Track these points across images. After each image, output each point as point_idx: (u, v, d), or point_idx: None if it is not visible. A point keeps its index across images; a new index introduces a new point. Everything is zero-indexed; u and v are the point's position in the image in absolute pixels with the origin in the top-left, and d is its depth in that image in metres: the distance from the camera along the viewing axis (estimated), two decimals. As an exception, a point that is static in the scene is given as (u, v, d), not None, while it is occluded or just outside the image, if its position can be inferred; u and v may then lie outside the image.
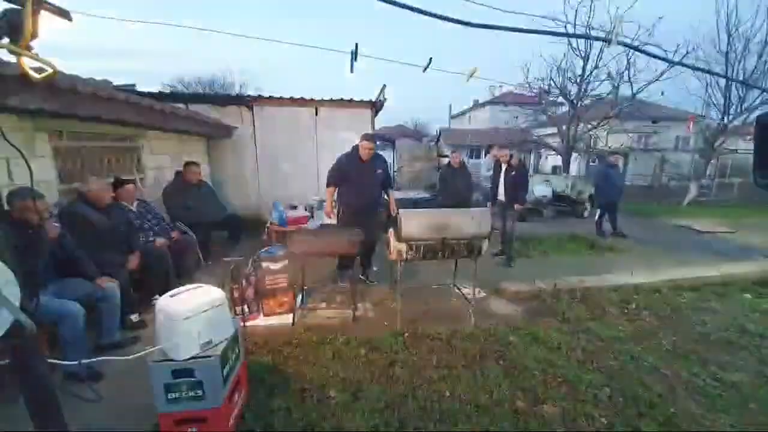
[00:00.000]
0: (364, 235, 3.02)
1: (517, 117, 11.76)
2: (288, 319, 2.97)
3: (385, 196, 3.79)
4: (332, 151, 6.54)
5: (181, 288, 1.79)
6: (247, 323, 2.89)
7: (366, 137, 3.45)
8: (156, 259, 3.09)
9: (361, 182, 3.47)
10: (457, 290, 3.49)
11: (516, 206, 4.42)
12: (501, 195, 4.61)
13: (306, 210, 4.93)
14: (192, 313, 1.64)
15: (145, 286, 3.02)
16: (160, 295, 1.80)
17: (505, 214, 4.62)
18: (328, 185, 3.59)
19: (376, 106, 6.71)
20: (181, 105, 5.31)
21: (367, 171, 3.48)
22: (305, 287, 3.46)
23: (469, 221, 2.75)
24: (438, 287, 3.73)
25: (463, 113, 32.31)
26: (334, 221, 4.82)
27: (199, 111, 5.26)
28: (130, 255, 2.91)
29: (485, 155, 19.35)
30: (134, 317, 2.81)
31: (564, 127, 10.41)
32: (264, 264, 2.99)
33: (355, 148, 3.52)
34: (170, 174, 4.36)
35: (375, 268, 4.27)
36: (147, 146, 4.17)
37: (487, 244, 2.91)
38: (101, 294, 2.44)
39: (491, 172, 6.24)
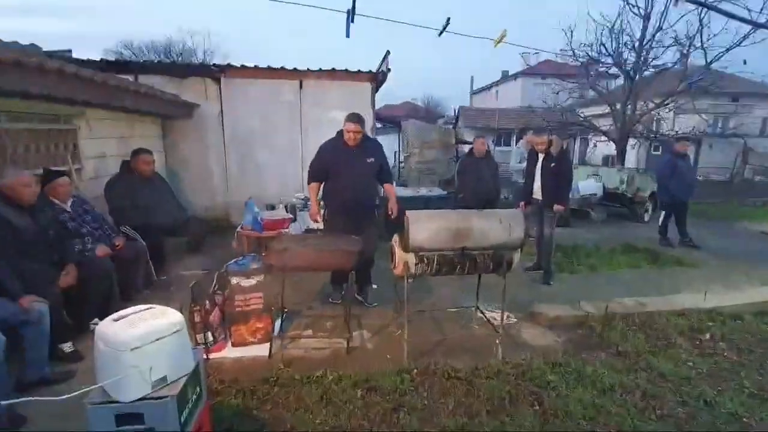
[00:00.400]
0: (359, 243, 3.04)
1: (557, 93, 11.69)
2: (263, 350, 2.98)
3: (383, 192, 3.82)
4: (321, 135, 6.56)
5: (128, 310, 1.80)
6: (212, 355, 2.89)
7: (351, 118, 3.44)
8: (96, 273, 3.11)
9: (349, 175, 3.48)
10: (480, 314, 3.49)
11: (556, 207, 4.43)
12: (537, 192, 4.62)
13: (287, 211, 4.95)
14: (141, 341, 1.65)
15: (81, 308, 3.03)
16: (101, 319, 1.80)
17: (541, 217, 4.63)
18: (309, 182, 3.63)
19: (377, 79, 6.75)
20: (129, 77, 5.36)
21: (355, 160, 3.49)
22: (286, 310, 3.48)
23: (496, 226, 2.75)
24: (456, 311, 3.73)
25: (488, 88, 32.43)
26: (322, 225, 4.87)
27: (153, 84, 5.30)
28: (62, 268, 2.92)
29: (517, 142, 19.41)
30: (67, 347, 2.82)
31: (618, 106, 10.41)
32: (233, 280, 3.00)
33: (340, 133, 3.54)
34: (115, 164, 4.39)
35: (374, 286, 4.28)
36: (86, 129, 4.20)
37: (519, 256, 2.91)
38: (25, 317, 2.45)
39: (524, 164, 6.27)
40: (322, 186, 3.63)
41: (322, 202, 3.69)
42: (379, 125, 14.19)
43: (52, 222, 3.00)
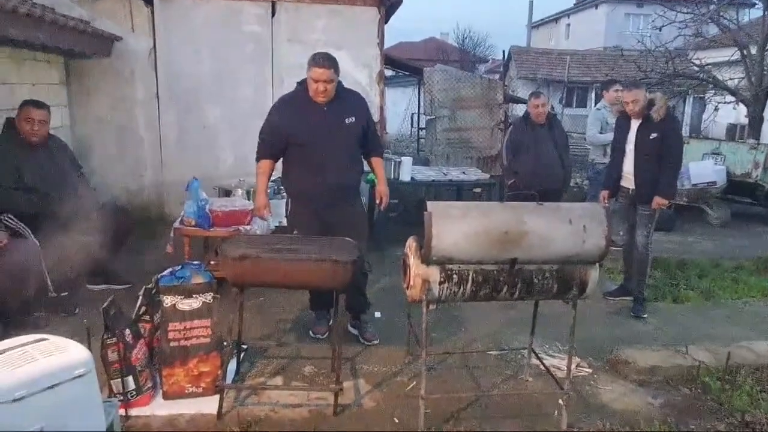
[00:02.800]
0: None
1: (659, 29, 11.56)
2: (210, 405, 2.97)
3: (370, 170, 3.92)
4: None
5: (8, 342, 1.81)
6: (134, 411, 2.89)
7: (317, 60, 3.40)
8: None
9: (318, 145, 3.52)
10: (536, 361, 3.48)
11: (657, 202, 4.40)
12: (628, 178, 4.60)
13: (250, 198, 4.95)
14: (27, 390, 1.65)
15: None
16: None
17: (633, 216, 4.58)
18: (258, 158, 3.68)
19: (387, 2, 6.72)
20: (17, -8, 5.36)
21: (328, 123, 3.52)
22: (244, 346, 3.48)
23: (563, 229, 2.72)
24: (499, 354, 3.73)
25: (555, 20, 32.26)
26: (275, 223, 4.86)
27: (52, 5, 5.31)
28: None
29: (597, 101, 19.22)
30: None
31: (754, 50, 10.25)
32: (167, 300, 3.00)
33: (303, 84, 3.57)
34: (-6, 123, 4.41)
35: (377, 314, 4.27)
36: (-48, 70, 4.22)
37: (598, 275, 2.88)
38: None
39: (607, 133, 6.21)
40: (273, 165, 3.74)
41: (279, 189, 3.74)
42: (389, 73, 14.17)
43: None
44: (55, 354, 1.77)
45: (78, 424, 1.77)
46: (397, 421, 2.98)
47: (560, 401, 2.99)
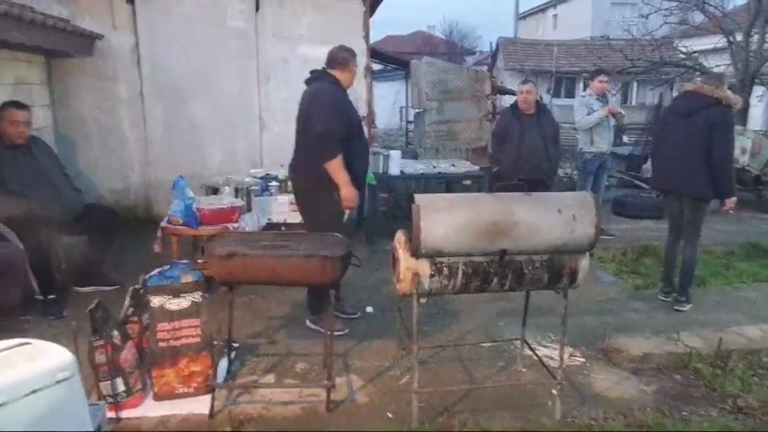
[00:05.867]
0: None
1: (646, 17, 11.59)
2: (202, 404, 2.97)
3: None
4: (288, 82, 6.62)
5: (-9, 346, 1.78)
6: (124, 413, 2.88)
7: (355, 53, 3.86)
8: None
9: (362, 135, 4.03)
10: (528, 352, 3.48)
11: (728, 204, 4.32)
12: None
13: (237, 196, 4.92)
14: (7, 396, 1.62)
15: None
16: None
17: (681, 212, 4.48)
18: (334, 154, 3.62)
19: (372, -5, 6.70)
20: (-5, -8, 5.28)
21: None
22: (235, 344, 3.46)
23: (552, 218, 2.71)
24: (492, 346, 3.73)
25: (542, 10, 32.31)
26: (290, 217, 4.85)
27: (30, 4, 5.23)
28: None
29: (584, 90, 19.34)
30: None
31: (739, 37, 10.30)
32: (155, 300, 2.97)
33: (334, 81, 3.81)
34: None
35: (369, 309, 4.28)
36: (-71, 71, 4.15)
37: (588, 263, 2.88)
38: None
39: (596, 117, 6.19)
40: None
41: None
42: (376, 67, 14.16)
43: None
44: (38, 358, 1.73)
45: (62, 429, 1.74)
46: (390, 415, 2.99)
47: (553, 391, 3.01)
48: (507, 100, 11.25)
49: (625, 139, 12.77)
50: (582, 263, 2.85)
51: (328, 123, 3.60)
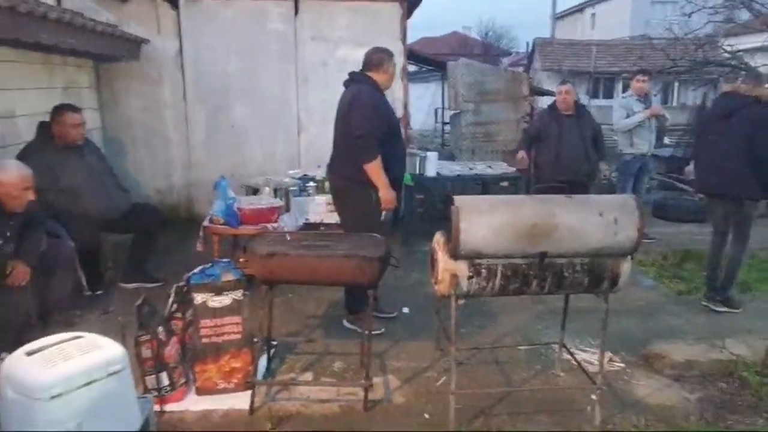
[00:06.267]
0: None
1: (689, 15, 11.28)
2: (242, 400, 3.00)
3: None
4: (326, 84, 6.68)
5: (47, 339, 1.84)
6: (168, 407, 2.93)
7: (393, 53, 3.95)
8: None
9: (399, 135, 4.11)
10: (567, 356, 3.44)
11: None
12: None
13: (277, 196, 4.99)
14: (65, 387, 1.68)
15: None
16: (9, 352, 1.84)
17: (725, 218, 4.35)
18: (375, 156, 3.64)
19: (409, -2, 6.70)
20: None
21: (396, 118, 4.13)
22: (274, 342, 3.50)
23: (594, 221, 2.67)
24: (529, 349, 3.70)
25: (579, 10, 31.77)
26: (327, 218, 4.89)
27: (81, 9, 5.41)
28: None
29: (623, 91, 18.95)
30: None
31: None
32: (198, 297, 3.03)
33: (373, 83, 3.84)
34: (29, 127, 4.50)
35: (405, 310, 4.29)
36: (-13, 76, 4.33)
37: (630, 267, 2.83)
38: None
39: (633, 116, 6.05)
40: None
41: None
42: (412, 68, 14.12)
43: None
44: (91, 351, 1.80)
45: (113, 420, 1.80)
46: (427, 416, 2.98)
47: (593, 396, 2.95)
48: (545, 102, 11.14)
49: (666, 140, 12.45)
50: (624, 267, 2.79)
51: (367, 125, 3.62)
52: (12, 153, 4.22)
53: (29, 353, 1.76)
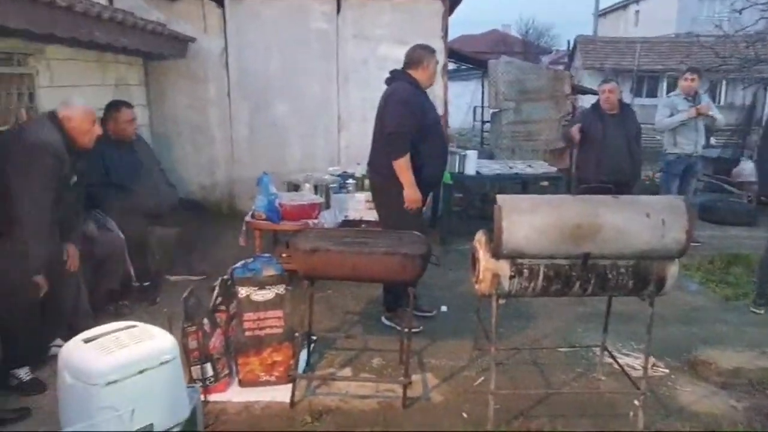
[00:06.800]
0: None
1: (739, 11, 10.88)
2: (283, 393, 3.05)
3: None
4: (366, 83, 6.71)
5: (102, 328, 1.90)
6: (212, 397, 3.00)
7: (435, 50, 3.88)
8: (58, 274, 3.33)
9: (439, 134, 4.05)
10: (609, 359, 3.38)
11: None
12: None
13: (317, 193, 5.02)
14: (120, 374, 1.74)
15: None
16: (65, 339, 1.92)
17: None
18: (401, 154, 3.65)
19: (452, -5, 6.67)
20: (101, -1, 5.64)
21: (436, 111, 4.14)
22: (314, 337, 3.54)
23: (640, 223, 2.61)
24: (570, 351, 3.65)
25: (623, 6, 30.99)
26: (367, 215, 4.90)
27: (131, 8, 5.55)
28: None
29: (667, 90, 18.42)
30: (23, 373, 3.02)
31: None
32: (242, 291, 3.09)
33: (412, 81, 3.80)
34: (82, 123, 4.66)
35: (444, 308, 4.28)
36: (45, 73, 4.49)
37: (677, 270, 2.76)
38: None
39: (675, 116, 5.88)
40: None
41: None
42: (451, 67, 14.00)
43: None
44: (144, 341, 1.85)
45: (164, 408, 1.85)
46: (466, 416, 2.97)
47: (636, 402, 2.90)
48: (587, 101, 10.92)
49: (713, 141, 12.07)
50: (670, 270, 2.73)
51: (398, 122, 3.63)
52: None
53: (86, 341, 1.83)
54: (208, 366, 3.00)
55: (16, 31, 3.53)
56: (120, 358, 1.74)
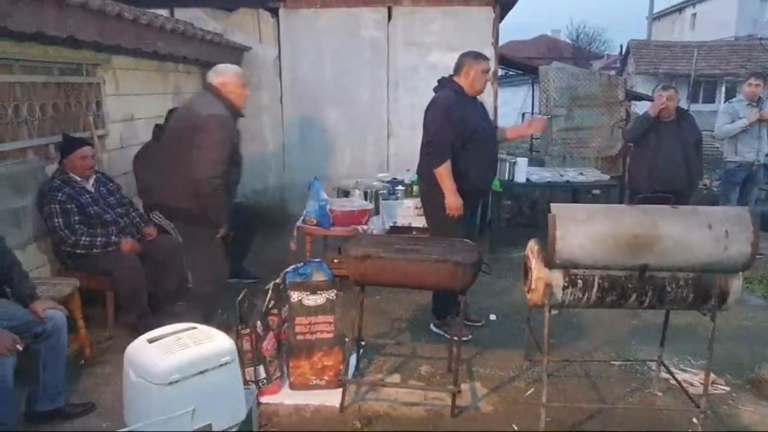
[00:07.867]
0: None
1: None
2: (333, 397, 3.08)
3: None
4: (416, 89, 6.72)
5: (164, 329, 1.96)
6: (264, 398, 3.05)
7: (482, 55, 3.83)
8: (123, 274, 3.46)
9: (487, 142, 3.86)
10: (665, 375, 3.27)
11: None
12: None
13: (367, 199, 5.05)
14: (182, 373, 1.79)
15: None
16: (131, 340, 1.98)
17: None
18: (441, 161, 3.64)
19: (501, 1, 6.58)
20: (162, 11, 5.86)
21: (486, 118, 3.97)
22: (363, 342, 3.56)
23: (701, 234, 2.53)
24: (624, 365, 3.56)
25: (678, 10, 30.02)
26: (415, 221, 4.89)
27: (190, 20, 5.73)
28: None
29: (726, 96, 17.69)
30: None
31: None
32: (294, 295, 3.13)
33: (457, 87, 3.77)
34: (145, 130, 4.82)
35: (492, 317, 4.22)
36: (111, 82, 4.69)
37: (740, 284, 2.65)
38: (40, 329, 2.65)
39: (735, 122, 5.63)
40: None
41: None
42: (500, 73, 13.86)
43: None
44: (205, 342, 1.90)
45: (222, 408, 1.89)
46: (515, 427, 2.93)
47: (694, 420, 2.82)
48: (641, 107, 10.62)
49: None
50: (734, 284, 2.64)
51: (436, 131, 3.64)
52: (130, 154, 4.57)
53: (150, 341, 1.89)
54: (261, 368, 3.05)
55: (86, 43, 3.71)
56: (182, 359, 1.80)
